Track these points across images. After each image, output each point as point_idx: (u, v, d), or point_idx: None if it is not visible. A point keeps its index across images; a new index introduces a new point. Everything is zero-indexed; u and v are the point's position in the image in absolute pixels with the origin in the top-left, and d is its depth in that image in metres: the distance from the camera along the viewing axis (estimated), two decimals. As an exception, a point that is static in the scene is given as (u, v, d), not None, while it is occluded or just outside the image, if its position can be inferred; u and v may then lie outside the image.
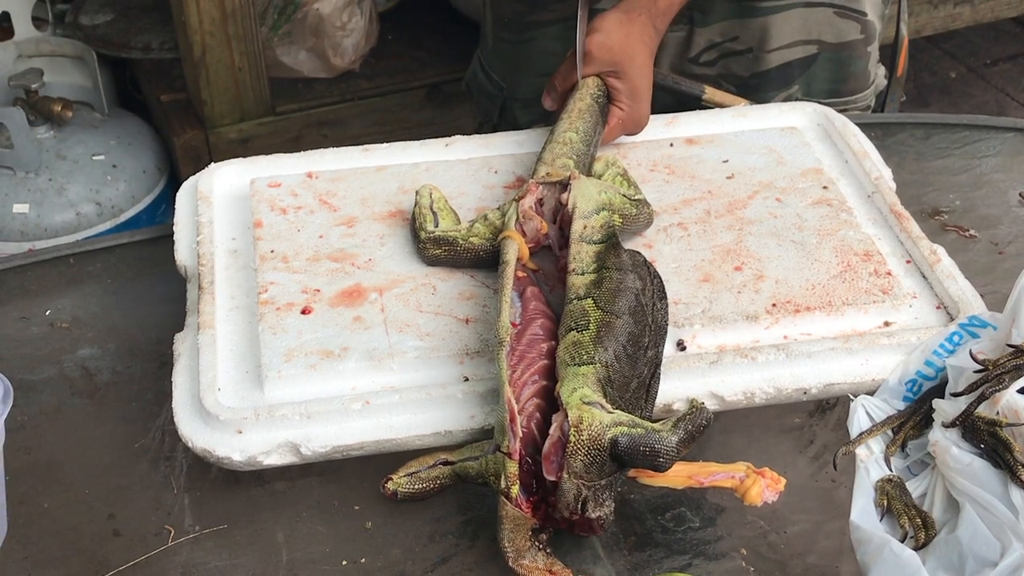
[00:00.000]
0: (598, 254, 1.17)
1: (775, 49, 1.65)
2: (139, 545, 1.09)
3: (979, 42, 3.92)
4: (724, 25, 1.65)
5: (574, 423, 1.00)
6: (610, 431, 1.00)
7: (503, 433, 1.03)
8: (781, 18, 1.63)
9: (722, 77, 1.67)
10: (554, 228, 1.24)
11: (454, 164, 1.41)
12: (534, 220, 1.23)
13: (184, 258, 1.31)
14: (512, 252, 1.19)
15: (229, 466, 1.10)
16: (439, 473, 1.08)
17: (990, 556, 0.95)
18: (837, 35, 1.66)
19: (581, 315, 1.10)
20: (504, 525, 1.00)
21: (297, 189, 1.37)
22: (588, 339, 1.08)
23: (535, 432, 1.04)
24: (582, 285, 1.14)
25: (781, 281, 1.23)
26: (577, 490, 0.99)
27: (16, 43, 2.79)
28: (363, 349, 1.16)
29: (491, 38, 1.83)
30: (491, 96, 1.84)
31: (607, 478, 1.01)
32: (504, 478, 1.01)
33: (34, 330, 1.33)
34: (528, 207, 1.24)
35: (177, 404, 1.13)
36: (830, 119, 1.48)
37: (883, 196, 1.34)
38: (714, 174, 1.39)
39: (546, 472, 1.01)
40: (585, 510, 1.00)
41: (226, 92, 2.75)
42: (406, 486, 1.07)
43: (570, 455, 0.99)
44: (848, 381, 1.15)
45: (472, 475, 1.06)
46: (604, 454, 1.00)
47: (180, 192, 1.40)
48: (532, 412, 1.05)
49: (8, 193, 2.57)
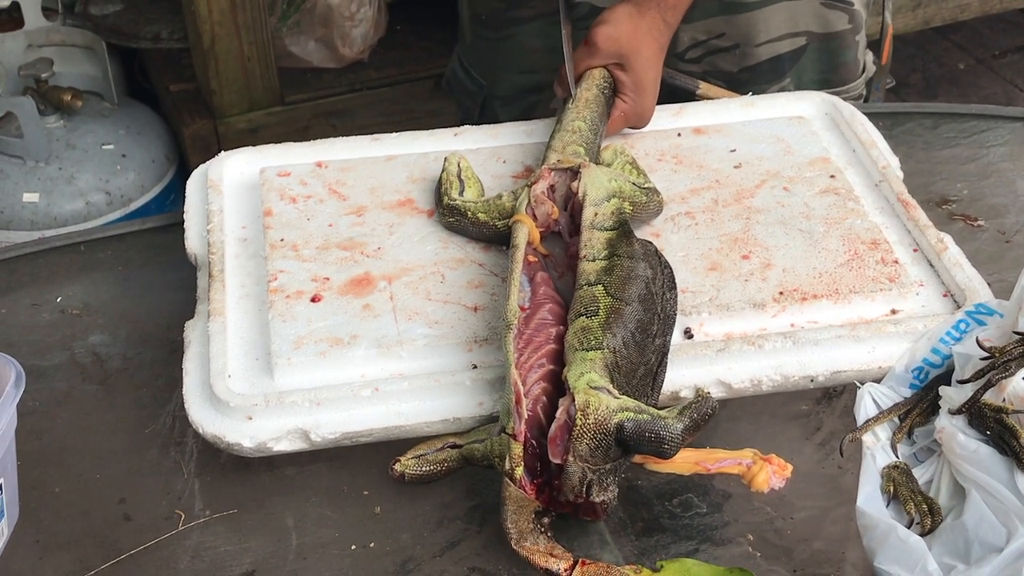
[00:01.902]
0: (609, 241, 1.17)
1: (763, 43, 1.64)
2: (150, 529, 1.09)
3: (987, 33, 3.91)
4: (709, 22, 1.63)
5: (581, 407, 1.01)
6: (616, 416, 1.01)
7: (509, 415, 1.03)
8: (767, 12, 1.62)
9: (708, 74, 1.66)
10: (565, 215, 1.25)
11: (463, 154, 1.42)
12: (545, 205, 1.24)
13: (194, 246, 1.31)
14: (522, 236, 1.20)
15: (239, 452, 1.10)
16: (446, 456, 1.08)
17: (996, 542, 0.96)
18: (825, 25, 1.65)
19: (591, 301, 1.11)
20: (507, 506, 1.01)
21: (307, 178, 1.38)
22: (597, 325, 1.08)
23: (541, 415, 1.05)
24: (592, 271, 1.14)
25: (788, 269, 1.23)
26: (582, 473, 1.00)
27: (26, 33, 2.80)
28: (372, 337, 1.16)
29: (469, 34, 1.81)
30: (471, 94, 1.82)
31: (612, 463, 1.01)
32: (508, 459, 1.02)
33: (45, 316, 1.34)
34: (540, 192, 1.25)
35: (188, 391, 1.14)
36: (838, 108, 1.48)
37: (890, 185, 1.35)
38: (722, 163, 1.39)
39: (551, 455, 1.01)
40: (590, 494, 1.00)
41: (235, 82, 2.76)
42: (413, 468, 1.08)
43: (576, 438, 1.00)
44: (855, 369, 1.15)
45: (478, 457, 1.07)
46: (610, 439, 1.00)
47: (190, 180, 1.40)
48: (538, 396, 1.06)
49: (18, 182, 2.58)
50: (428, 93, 2.96)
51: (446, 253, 1.27)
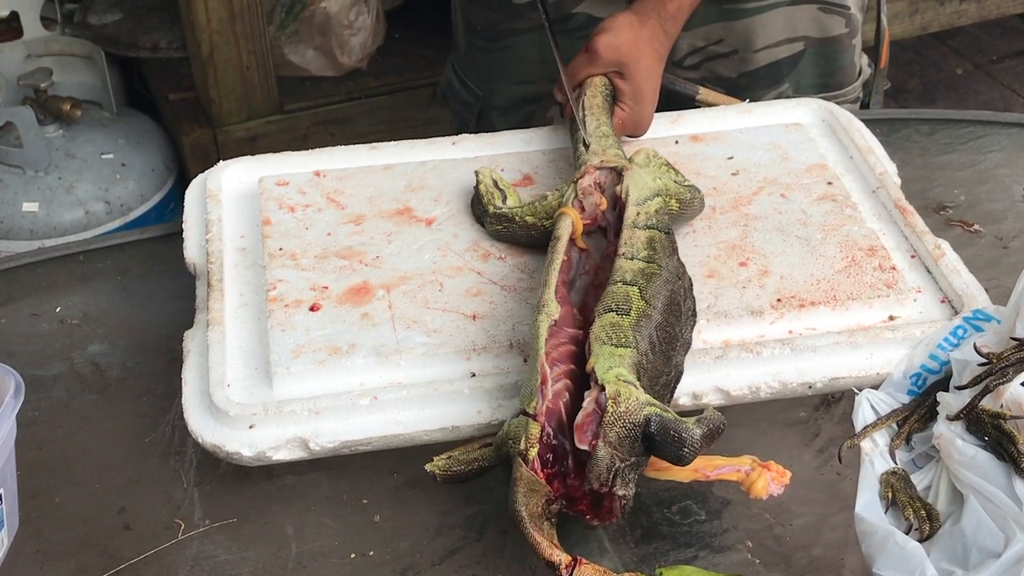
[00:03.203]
0: (649, 241, 1.17)
1: (761, 49, 1.65)
2: (149, 539, 1.10)
3: (985, 39, 3.92)
4: (707, 29, 1.63)
5: (612, 396, 1.01)
6: (645, 409, 1.01)
7: (531, 397, 1.03)
8: (765, 18, 1.63)
9: (707, 80, 1.66)
10: (613, 213, 1.24)
11: (460, 162, 1.42)
12: (594, 195, 1.24)
13: (193, 255, 1.31)
14: (566, 228, 1.20)
15: (239, 462, 1.10)
16: (478, 455, 1.07)
17: (994, 547, 0.96)
18: (822, 30, 1.66)
19: (624, 300, 1.11)
20: (518, 488, 1.00)
21: (305, 187, 1.38)
22: (628, 324, 1.08)
23: (561, 408, 1.05)
24: (629, 270, 1.14)
25: (786, 276, 1.23)
26: (611, 460, 1.00)
27: (25, 43, 2.80)
28: (371, 345, 1.16)
29: (464, 44, 1.80)
30: (467, 104, 1.81)
31: (635, 458, 1.02)
32: (524, 439, 1.01)
33: (44, 326, 1.34)
34: (588, 184, 1.25)
35: (187, 400, 1.14)
36: (835, 115, 1.48)
37: (887, 191, 1.35)
38: (719, 171, 1.40)
39: (578, 441, 1.01)
40: (615, 484, 1.00)
41: (234, 91, 2.76)
42: (444, 467, 1.07)
43: (607, 424, 1.00)
44: (853, 375, 1.16)
45: (498, 444, 1.06)
46: (638, 430, 1.01)
47: (189, 190, 1.40)
48: (560, 391, 1.06)
49: (18, 192, 2.58)
50: (427, 101, 2.96)
51: (444, 262, 1.27)
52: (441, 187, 1.38)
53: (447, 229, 1.32)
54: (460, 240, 1.30)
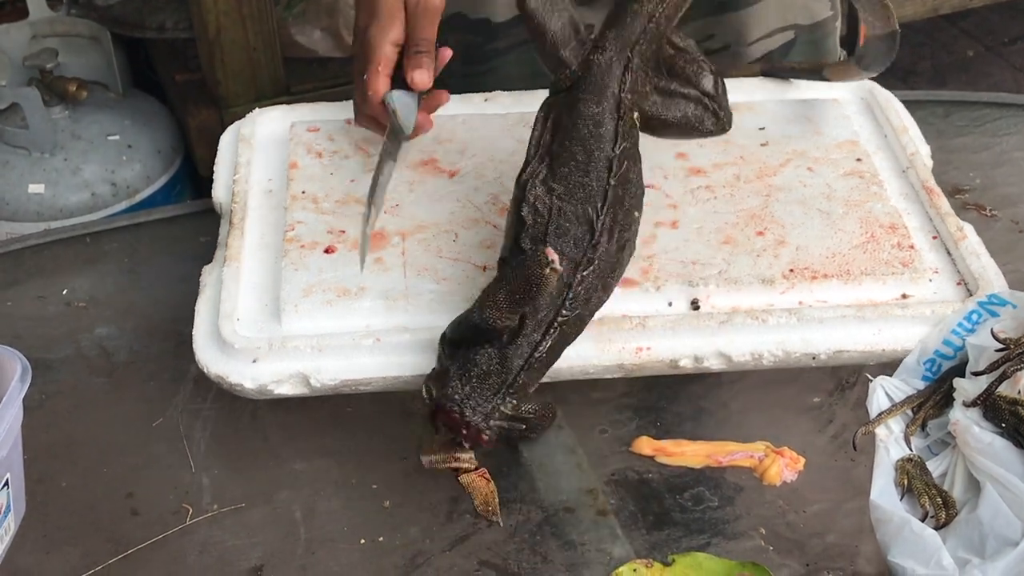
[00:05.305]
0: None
1: (755, 41, 1.63)
2: (157, 524, 1.09)
3: (996, 20, 3.89)
4: (698, 25, 1.60)
5: None
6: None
7: None
8: (758, 9, 1.60)
9: None
10: None
11: (491, 118, 1.43)
12: None
13: (220, 195, 1.34)
14: None
15: (241, 393, 1.12)
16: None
17: (1011, 535, 0.95)
18: (811, 16, 1.64)
19: None
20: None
21: (335, 134, 1.40)
22: None
23: None
24: None
25: (802, 248, 1.23)
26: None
27: (30, 23, 2.79)
28: (380, 289, 1.18)
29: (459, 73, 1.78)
30: None
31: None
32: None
33: (51, 309, 1.33)
34: None
35: (197, 332, 1.16)
36: (874, 93, 1.47)
37: (917, 172, 1.34)
38: (748, 140, 1.39)
39: None
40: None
41: (241, 72, 2.75)
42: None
43: None
44: (859, 349, 1.14)
45: None
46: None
47: (223, 136, 1.43)
48: None
49: (23, 173, 2.57)
50: (433, 80, 2.94)
51: (463, 213, 1.28)
52: (469, 140, 1.39)
53: (468, 182, 1.33)
54: (480, 193, 1.31)
